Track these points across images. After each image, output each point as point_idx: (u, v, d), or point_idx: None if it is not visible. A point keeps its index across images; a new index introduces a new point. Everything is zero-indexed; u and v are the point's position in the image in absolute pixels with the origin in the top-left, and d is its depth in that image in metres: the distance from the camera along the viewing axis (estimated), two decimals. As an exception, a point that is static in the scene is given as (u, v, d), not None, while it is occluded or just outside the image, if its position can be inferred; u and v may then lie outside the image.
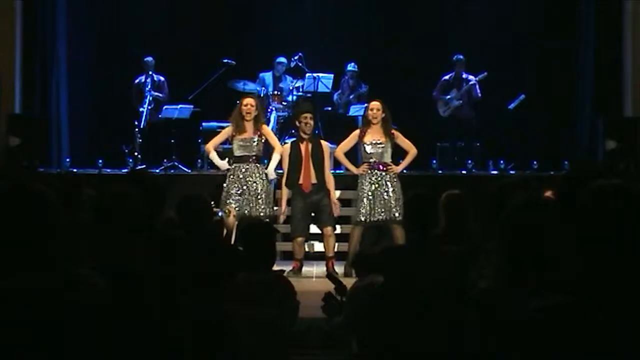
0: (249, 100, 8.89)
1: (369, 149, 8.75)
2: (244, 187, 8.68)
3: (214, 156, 9.07)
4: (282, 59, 11.81)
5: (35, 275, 2.40)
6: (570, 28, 12.63)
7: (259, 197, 8.67)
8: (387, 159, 8.80)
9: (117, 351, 2.66)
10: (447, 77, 12.02)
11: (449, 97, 11.94)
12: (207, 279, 3.97)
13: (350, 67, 12.01)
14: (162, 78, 12.10)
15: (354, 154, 9.35)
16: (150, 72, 11.98)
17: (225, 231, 8.54)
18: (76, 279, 2.47)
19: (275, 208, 8.95)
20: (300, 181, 8.83)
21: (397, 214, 8.61)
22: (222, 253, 4.65)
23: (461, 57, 11.95)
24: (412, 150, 8.95)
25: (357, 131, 8.96)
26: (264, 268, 4.43)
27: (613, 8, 11.99)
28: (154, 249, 3.53)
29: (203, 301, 3.68)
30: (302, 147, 8.90)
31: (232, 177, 8.75)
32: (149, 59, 12.04)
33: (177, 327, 3.16)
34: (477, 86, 11.85)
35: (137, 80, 12.10)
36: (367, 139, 8.78)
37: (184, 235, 4.31)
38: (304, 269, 9.05)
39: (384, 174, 8.74)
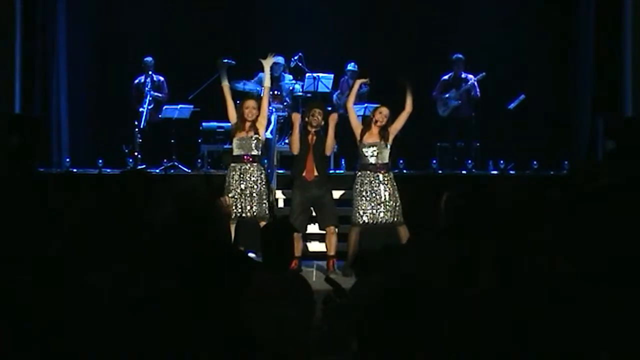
0: (250, 103, 8.87)
1: (366, 150, 8.77)
2: (239, 188, 8.69)
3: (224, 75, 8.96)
4: (280, 59, 11.77)
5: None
6: (570, 27, 12.62)
7: (252, 198, 8.67)
8: (385, 159, 8.81)
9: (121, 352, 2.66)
10: (446, 77, 12.02)
11: (447, 97, 11.93)
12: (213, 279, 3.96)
13: (350, 67, 11.99)
14: (161, 78, 12.11)
15: (353, 154, 9.36)
16: (150, 72, 11.99)
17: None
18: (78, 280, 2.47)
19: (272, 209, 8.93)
20: (304, 173, 8.87)
21: (397, 215, 8.65)
22: (223, 253, 4.62)
23: (460, 56, 11.94)
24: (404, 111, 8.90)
25: (362, 127, 8.94)
26: (282, 267, 4.43)
27: (613, 7, 11.98)
28: (154, 248, 3.53)
29: (219, 302, 3.66)
30: (309, 138, 8.96)
31: (230, 176, 8.80)
32: (149, 59, 12.05)
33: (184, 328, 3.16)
34: (476, 86, 11.84)
35: (136, 80, 12.10)
36: (365, 140, 8.80)
37: (184, 232, 4.29)
38: (303, 269, 9.03)
39: (379, 175, 8.74)
